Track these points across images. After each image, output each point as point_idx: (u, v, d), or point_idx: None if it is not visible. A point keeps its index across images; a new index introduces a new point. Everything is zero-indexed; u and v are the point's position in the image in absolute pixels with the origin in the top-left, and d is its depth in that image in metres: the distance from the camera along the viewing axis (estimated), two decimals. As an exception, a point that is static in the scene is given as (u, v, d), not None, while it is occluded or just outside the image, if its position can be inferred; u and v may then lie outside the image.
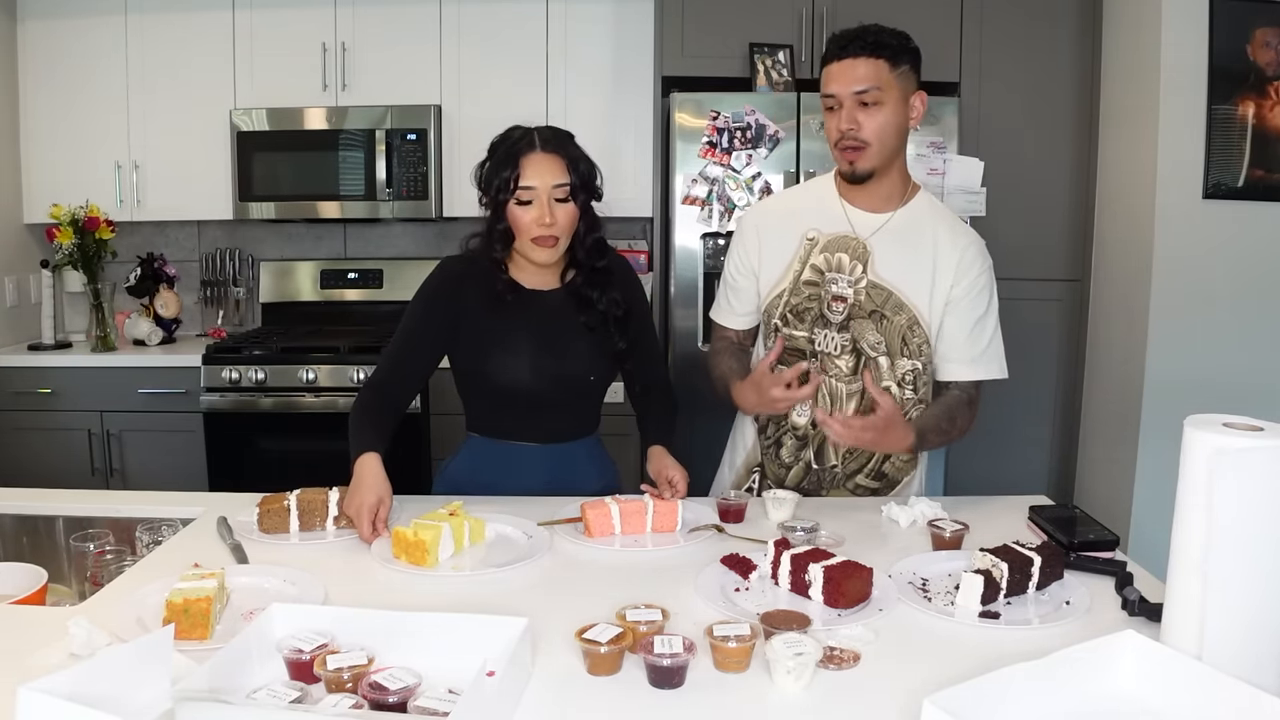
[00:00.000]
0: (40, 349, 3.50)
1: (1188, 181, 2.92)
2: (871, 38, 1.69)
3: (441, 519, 1.52)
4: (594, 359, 1.84)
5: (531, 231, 1.72)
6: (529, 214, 1.71)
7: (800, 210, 1.86)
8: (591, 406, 1.91)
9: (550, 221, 1.70)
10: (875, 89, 1.68)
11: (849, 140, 1.71)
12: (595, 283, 1.82)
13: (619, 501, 1.62)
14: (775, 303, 1.84)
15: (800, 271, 1.82)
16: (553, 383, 1.80)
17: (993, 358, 1.83)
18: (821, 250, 1.81)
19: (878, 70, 1.68)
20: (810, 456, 1.86)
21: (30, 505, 1.81)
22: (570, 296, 1.83)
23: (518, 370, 1.78)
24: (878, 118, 1.69)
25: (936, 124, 3.09)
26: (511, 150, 1.72)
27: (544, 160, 1.71)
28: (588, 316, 1.82)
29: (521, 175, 1.70)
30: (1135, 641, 1.09)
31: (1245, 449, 1.03)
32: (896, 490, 1.89)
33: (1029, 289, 3.29)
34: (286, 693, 1.03)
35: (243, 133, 3.49)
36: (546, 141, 1.73)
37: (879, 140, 1.71)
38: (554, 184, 1.71)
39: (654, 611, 1.21)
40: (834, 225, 1.81)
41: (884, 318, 1.78)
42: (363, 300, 3.83)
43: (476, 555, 1.54)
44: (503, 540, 1.59)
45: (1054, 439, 3.41)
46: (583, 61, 3.52)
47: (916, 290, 1.78)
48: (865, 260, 1.78)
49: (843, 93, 1.69)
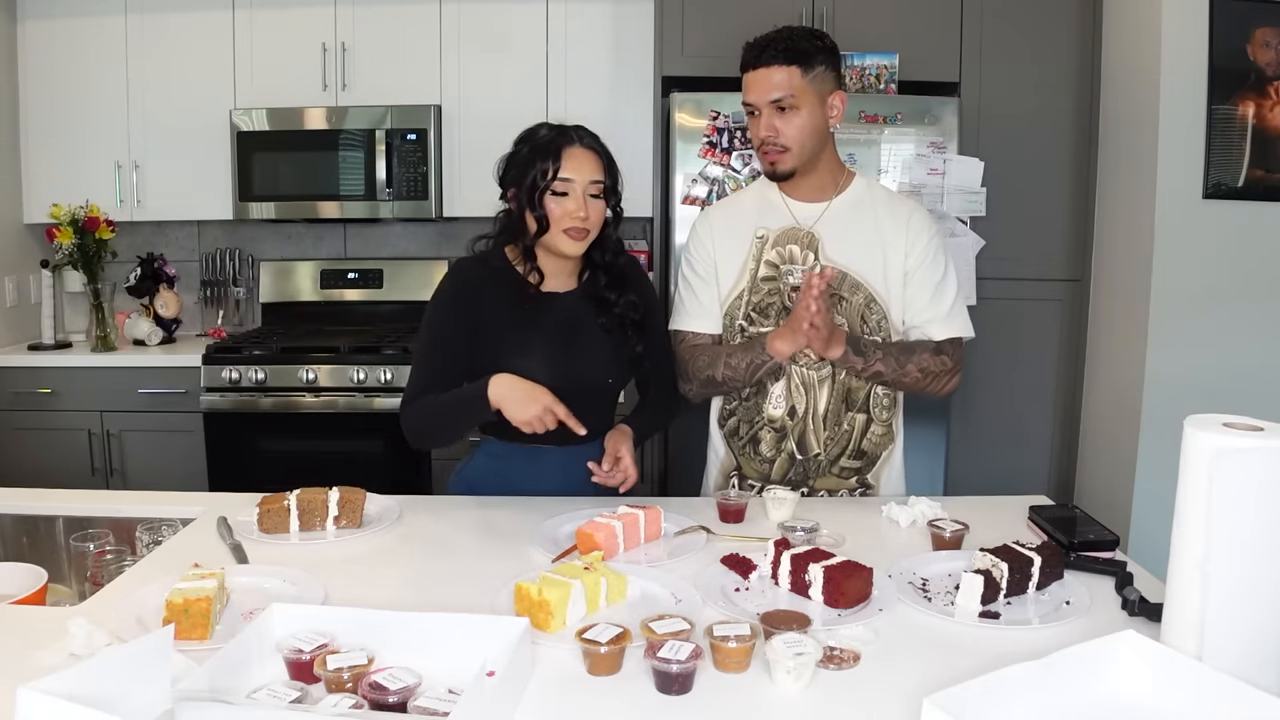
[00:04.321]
0: (40, 349, 3.50)
1: (1188, 181, 2.92)
2: (784, 44, 1.75)
3: (575, 574, 1.29)
4: (611, 362, 1.84)
5: (564, 223, 1.73)
6: (564, 206, 1.72)
7: (747, 211, 1.91)
8: (608, 408, 1.91)
9: (585, 215, 1.72)
10: (790, 96, 1.75)
11: (769, 145, 1.79)
12: (613, 285, 1.83)
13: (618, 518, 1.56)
14: (736, 304, 1.88)
15: (756, 269, 1.87)
16: (569, 385, 1.76)
17: (957, 316, 1.86)
18: (773, 245, 1.86)
19: (791, 77, 1.75)
20: (792, 447, 1.87)
21: (30, 505, 1.80)
22: (587, 298, 1.83)
23: (534, 372, 1.74)
24: (795, 122, 1.77)
25: (936, 124, 3.09)
26: (552, 143, 1.74)
27: (584, 155, 1.74)
28: (606, 319, 1.83)
29: (562, 167, 1.72)
30: (1135, 641, 1.09)
31: (1245, 449, 1.03)
32: (878, 465, 1.90)
33: (1029, 289, 3.29)
34: (286, 693, 1.03)
35: (243, 133, 3.49)
36: (585, 138, 1.76)
37: (798, 143, 1.78)
38: (591, 179, 1.73)
39: (678, 622, 1.18)
40: (780, 220, 1.87)
41: (841, 299, 1.83)
42: (363, 300, 3.83)
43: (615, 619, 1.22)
44: (648, 600, 1.35)
45: (1054, 439, 3.41)
46: (583, 61, 3.52)
47: (869, 268, 1.83)
48: (815, 248, 1.84)
49: (759, 101, 1.77)
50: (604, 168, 1.75)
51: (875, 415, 1.88)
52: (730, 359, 1.81)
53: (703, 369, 1.85)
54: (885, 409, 1.89)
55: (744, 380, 1.82)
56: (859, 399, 1.87)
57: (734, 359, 1.81)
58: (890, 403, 1.90)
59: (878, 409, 1.88)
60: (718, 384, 1.84)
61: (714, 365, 1.83)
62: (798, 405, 1.86)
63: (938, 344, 1.84)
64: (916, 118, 3.08)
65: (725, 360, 1.82)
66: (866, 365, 1.77)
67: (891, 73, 3.13)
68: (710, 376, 1.84)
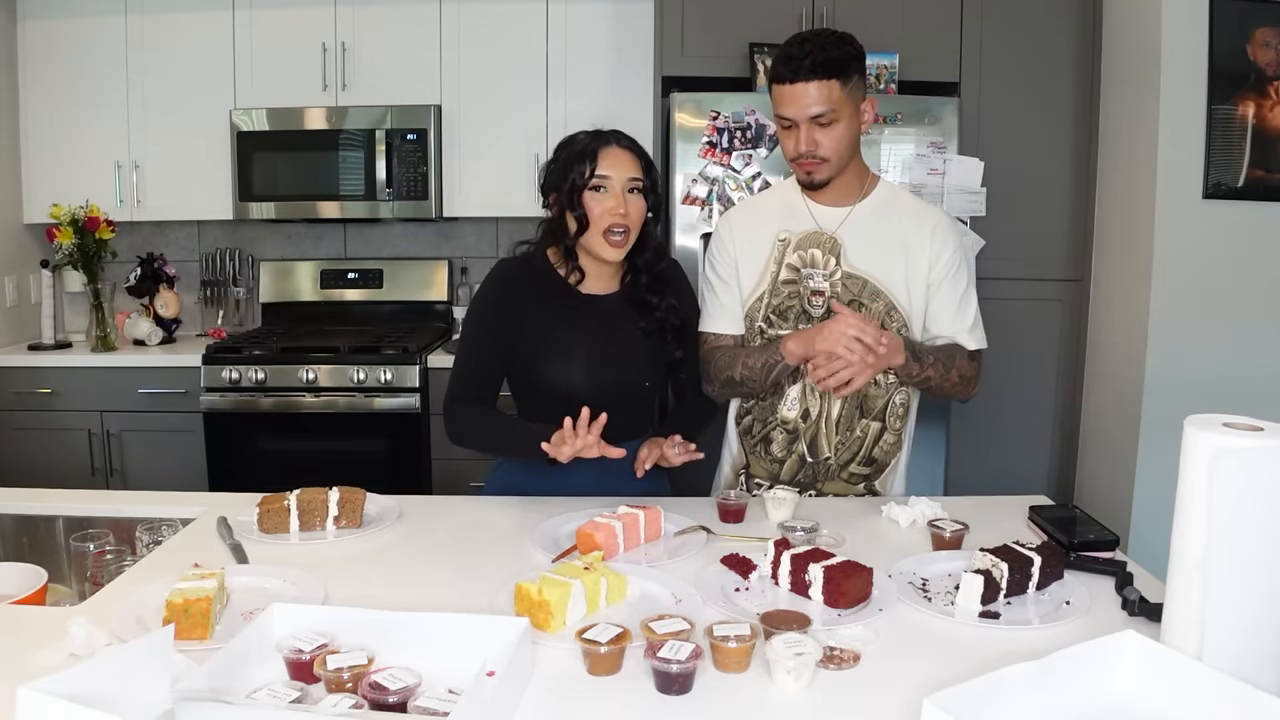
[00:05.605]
0: (40, 349, 3.50)
1: (1188, 181, 2.92)
2: (820, 56, 1.69)
3: (575, 574, 1.30)
4: (649, 365, 1.85)
5: (604, 221, 1.74)
6: (603, 203, 1.75)
7: (768, 214, 1.90)
8: (645, 410, 1.92)
9: (624, 211, 1.74)
10: (831, 111, 1.71)
11: (807, 158, 1.76)
12: (654, 288, 1.84)
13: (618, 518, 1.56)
14: (756, 306, 1.87)
15: (777, 272, 1.86)
16: (608, 388, 1.79)
17: (979, 326, 1.88)
18: (795, 249, 1.85)
19: (831, 91, 1.70)
20: (804, 449, 1.87)
21: (30, 505, 1.80)
22: (628, 302, 1.85)
23: (573, 374, 1.78)
24: (834, 134, 1.74)
25: (936, 124, 3.09)
26: (589, 145, 1.77)
27: (620, 154, 1.77)
28: (646, 322, 1.84)
29: (599, 165, 1.75)
30: (1135, 641, 1.09)
31: (1245, 449, 1.03)
32: (885, 473, 1.90)
33: (1029, 289, 3.29)
34: (286, 693, 1.03)
35: (243, 133, 3.49)
36: (621, 139, 1.80)
37: (836, 154, 1.76)
38: (628, 176, 1.76)
39: (678, 622, 1.18)
40: (802, 224, 1.85)
41: (862, 305, 1.82)
42: (363, 300, 3.83)
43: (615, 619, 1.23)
44: (648, 600, 1.35)
45: (1054, 439, 3.40)
46: (583, 61, 3.52)
47: (890, 276, 1.82)
48: (837, 253, 1.83)
49: (798, 117, 1.73)
50: (642, 167, 1.78)
51: (889, 424, 1.87)
52: (748, 359, 1.81)
53: (723, 369, 1.85)
54: (899, 418, 1.88)
55: (760, 381, 1.81)
56: (874, 406, 1.86)
57: (751, 359, 1.81)
58: (904, 412, 1.89)
59: (892, 418, 1.87)
60: (737, 384, 1.84)
61: (733, 365, 1.83)
62: (811, 408, 1.86)
63: (969, 353, 1.84)
64: (916, 118, 3.08)
65: (744, 360, 1.82)
66: (921, 370, 1.77)
67: (891, 73, 3.13)
68: (730, 377, 1.83)
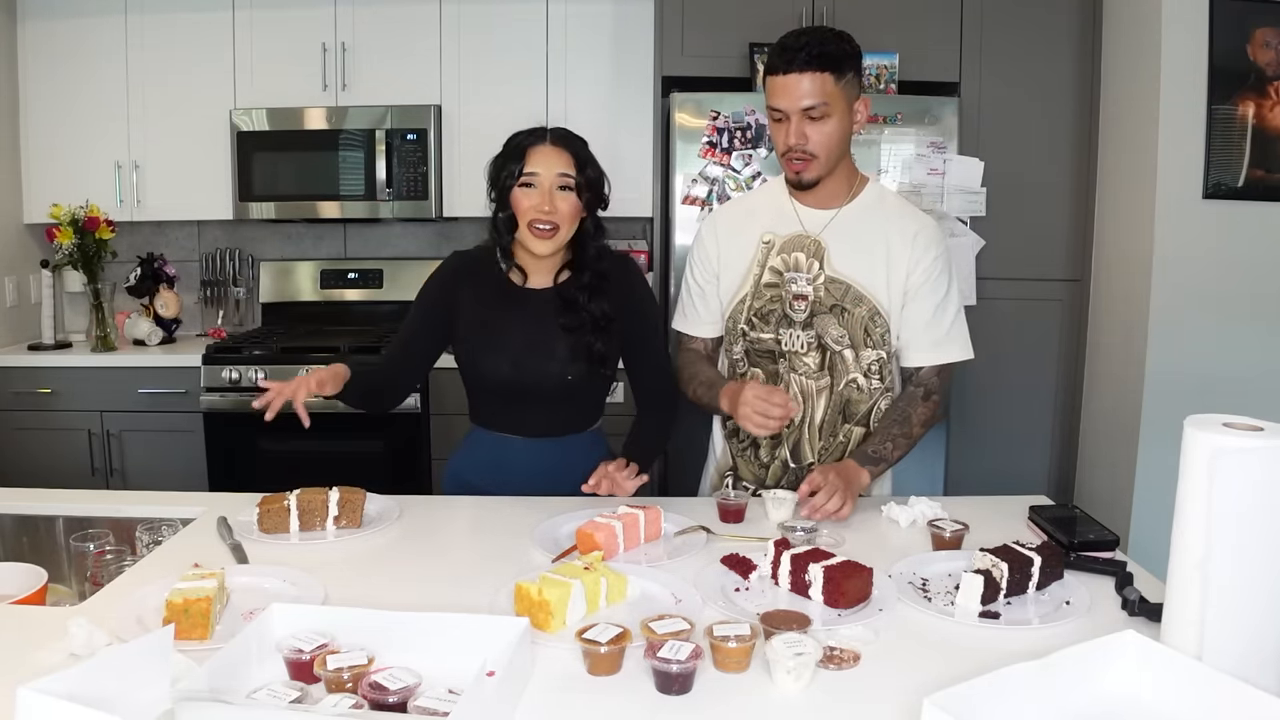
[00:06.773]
0: (40, 349, 3.50)
1: (1188, 181, 2.92)
2: (816, 49, 1.69)
3: (575, 574, 1.30)
4: (571, 360, 1.84)
5: (529, 216, 1.76)
6: (529, 199, 1.77)
7: (754, 214, 1.89)
8: (581, 403, 1.91)
9: (549, 209, 1.75)
10: (823, 104, 1.70)
11: (796, 153, 1.74)
12: (587, 287, 1.84)
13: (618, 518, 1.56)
14: (739, 308, 1.87)
15: (760, 275, 1.85)
16: (534, 380, 1.83)
17: (955, 339, 1.84)
18: (779, 251, 1.84)
19: (824, 84, 1.69)
20: (786, 455, 1.88)
21: (30, 505, 1.80)
22: (557, 297, 1.85)
23: (501, 365, 1.84)
24: (824, 129, 1.72)
25: (936, 124, 3.09)
26: (521, 143, 1.80)
27: (551, 152, 1.78)
28: (566, 318, 1.84)
29: (527, 163, 1.77)
30: (1135, 641, 1.09)
31: (1245, 449, 1.03)
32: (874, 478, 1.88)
33: (1029, 289, 3.29)
34: (286, 693, 1.03)
35: (243, 133, 3.49)
36: (557, 138, 1.80)
37: (825, 151, 1.74)
38: (558, 173, 1.76)
39: (678, 622, 1.18)
40: (787, 226, 1.84)
41: (845, 311, 1.81)
42: (363, 300, 3.83)
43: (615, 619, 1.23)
44: (648, 600, 1.35)
45: (1054, 439, 3.41)
46: (583, 61, 3.52)
47: (873, 281, 1.81)
48: (821, 257, 1.82)
49: (790, 108, 1.71)
50: (576, 164, 1.78)
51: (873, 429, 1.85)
52: (698, 389, 1.87)
53: (684, 381, 1.91)
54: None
55: (706, 409, 1.87)
56: (858, 411, 1.85)
57: (699, 389, 1.87)
58: None
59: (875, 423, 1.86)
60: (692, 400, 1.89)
61: (690, 383, 1.90)
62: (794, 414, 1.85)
63: (925, 389, 1.82)
64: (916, 118, 3.09)
65: (694, 387, 1.88)
66: (891, 459, 1.78)
67: (891, 73, 3.13)
68: (688, 391, 1.90)
